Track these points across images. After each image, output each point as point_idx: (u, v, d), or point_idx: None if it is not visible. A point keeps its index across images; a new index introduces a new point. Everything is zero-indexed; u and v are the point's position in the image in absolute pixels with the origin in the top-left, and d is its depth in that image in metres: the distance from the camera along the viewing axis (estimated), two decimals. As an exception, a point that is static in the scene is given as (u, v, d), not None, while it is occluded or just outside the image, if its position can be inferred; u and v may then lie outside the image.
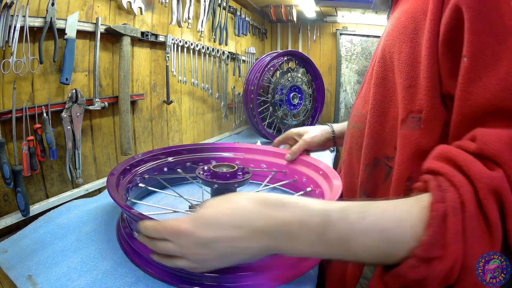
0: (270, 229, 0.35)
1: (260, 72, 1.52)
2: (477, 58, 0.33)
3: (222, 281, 0.49)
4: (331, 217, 0.33)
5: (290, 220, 0.34)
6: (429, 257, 0.31)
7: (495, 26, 0.32)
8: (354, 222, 0.33)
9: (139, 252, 0.54)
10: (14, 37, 0.66)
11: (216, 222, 0.36)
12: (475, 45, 0.32)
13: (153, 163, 0.85)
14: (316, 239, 0.34)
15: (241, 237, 0.35)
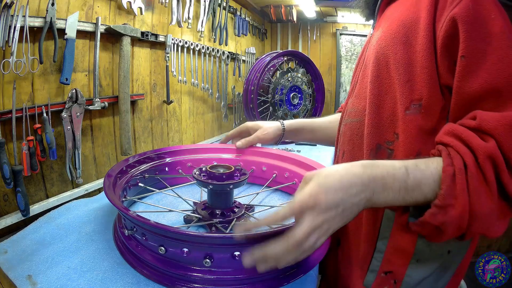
0: (372, 184, 0.44)
1: (260, 72, 1.52)
2: (472, 57, 0.44)
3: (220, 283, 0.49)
4: (409, 168, 0.44)
5: (384, 175, 0.44)
6: (445, 204, 0.42)
7: (483, 34, 0.44)
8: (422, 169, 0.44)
9: (134, 252, 0.54)
10: (14, 37, 0.66)
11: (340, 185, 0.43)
12: (470, 48, 0.44)
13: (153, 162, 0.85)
14: (402, 185, 0.44)
15: (356, 193, 0.43)
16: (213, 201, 0.69)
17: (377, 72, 0.55)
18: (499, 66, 0.42)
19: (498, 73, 0.42)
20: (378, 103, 0.55)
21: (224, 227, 0.65)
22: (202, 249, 0.48)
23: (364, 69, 0.61)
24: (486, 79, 0.43)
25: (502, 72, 0.42)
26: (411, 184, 0.44)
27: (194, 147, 0.95)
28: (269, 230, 0.49)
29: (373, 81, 0.55)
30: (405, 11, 0.52)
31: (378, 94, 0.55)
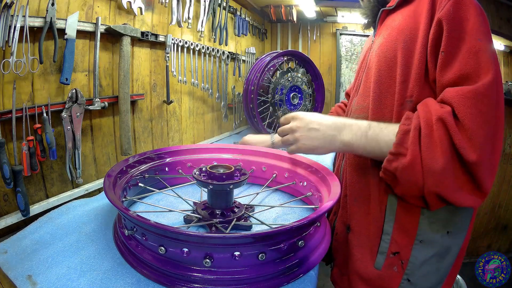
0: (339, 125, 0.62)
1: (260, 72, 1.52)
2: (449, 51, 0.53)
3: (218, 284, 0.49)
4: (372, 124, 0.59)
5: (351, 123, 0.61)
6: (397, 152, 0.53)
7: (459, 32, 0.53)
8: (383, 127, 0.58)
9: (134, 252, 0.54)
10: (14, 37, 0.66)
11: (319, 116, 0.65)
12: (448, 44, 0.53)
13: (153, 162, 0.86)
14: (363, 134, 0.59)
15: (325, 124, 0.62)
16: (213, 201, 0.69)
17: (379, 74, 0.64)
18: (468, 56, 0.51)
19: (467, 62, 0.51)
20: (380, 101, 0.64)
21: (224, 227, 0.65)
22: (202, 249, 0.48)
23: (367, 71, 0.70)
24: (457, 68, 0.52)
25: (469, 60, 0.51)
26: (370, 135, 0.58)
27: (194, 147, 0.95)
28: (269, 230, 0.49)
29: (375, 82, 0.64)
30: (404, 21, 0.61)
31: (380, 93, 0.64)
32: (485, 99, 0.49)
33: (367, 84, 0.68)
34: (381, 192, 0.63)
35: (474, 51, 0.51)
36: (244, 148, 0.96)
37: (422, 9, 0.58)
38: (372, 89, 0.65)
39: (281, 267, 0.52)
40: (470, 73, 0.50)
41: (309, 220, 0.52)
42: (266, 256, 0.50)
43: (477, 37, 0.51)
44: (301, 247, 0.54)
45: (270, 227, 0.62)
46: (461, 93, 0.50)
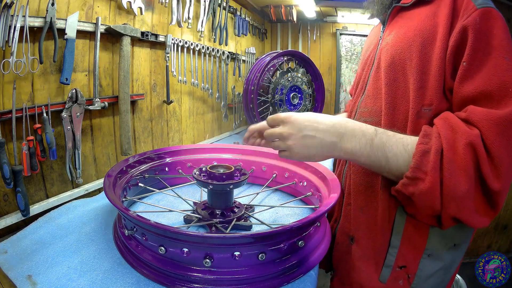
0: (342, 130, 0.53)
1: (260, 72, 1.52)
2: (472, 63, 0.50)
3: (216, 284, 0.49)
4: (379, 131, 0.53)
5: (355, 127, 0.53)
6: (414, 177, 0.49)
7: (486, 45, 0.50)
8: (390, 136, 0.53)
9: (134, 252, 0.54)
10: (14, 37, 0.66)
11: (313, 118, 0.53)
12: (472, 56, 0.50)
13: (153, 162, 0.85)
14: (368, 142, 0.52)
15: (323, 130, 0.52)
16: (213, 201, 0.69)
17: (394, 76, 0.60)
18: (492, 73, 0.48)
19: (490, 78, 0.48)
20: (394, 105, 0.60)
21: (224, 227, 0.65)
22: (202, 249, 0.48)
23: (376, 70, 0.65)
24: (480, 83, 0.49)
25: (494, 77, 0.48)
26: (376, 143, 0.52)
27: (194, 147, 0.95)
28: (269, 230, 0.49)
29: (389, 84, 0.60)
30: (422, 22, 0.57)
31: (394, 97, 0.60)
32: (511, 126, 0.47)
33: (377, 85, 0.64)
34: (390, 204, 0.60)
35: (500, 70, 0.48)
36: (244, 148, 0.96)
37: (442, 12, 0.54)
38: (385, 92, 0.61)
39: (281, 267, 0.52)
40: (493, 93, 0.48)
41: (309, 220, 0.52)
42: (266, 256, 0.50)
43: (503, 55, 0.49)
44: (301, 247, 0.54)
45: (270, 227, 0.62)
46: (490, 118, 0.47)
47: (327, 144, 0.52)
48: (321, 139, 0.52)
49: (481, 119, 0.47)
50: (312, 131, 0.52)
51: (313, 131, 0.52)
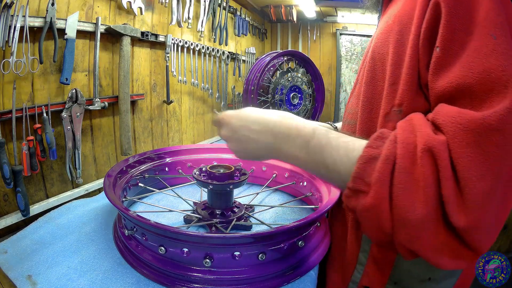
0: (276, 130, 0.45)
1: (260, 72, 1.52)
2: (448, 48, 0.37)
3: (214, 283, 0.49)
4: (317, 130, 0.43)
5: (291, 126, 0.45)
6: (356, 189, 0.37)
7: (466, 22, 0.36)
8: (331, 138, 0.42)
9: (134, 252, 0.54)
10: (14, 37, 0.66)
11: (247, 117, 0.48)
12: (447, 38, 0.37)
13: (153, 162, 0.85)
14: (304, 144, 0.43)
15: (256, 130, 0.47)
16: (213, 201, 0.69)
17: (373, 73, 0.50)
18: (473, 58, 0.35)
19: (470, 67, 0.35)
20: (370, 106, 0.50)
21: (224, 227, 0.65)
22: (202, 249, 0.48)
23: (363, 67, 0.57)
24: (457, 74, 0.35)
25: (475, 65, 0.35)
26: (313, 146, 0.42)
27: (194, 147, 0.95)
28: (269, 230, 0.49)
29: (367, 83, 0.51)
30: (403, 6, 0.46)
31: (371, 97, 0.50)
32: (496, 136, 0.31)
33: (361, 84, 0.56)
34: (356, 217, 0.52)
35: (484, 53, 0.34)
36: None
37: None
38: (363, 92, 0.52)
39: (281, 267, 0.52)
40: (473, 86, 0.34)
41: (309, 220, 0.52)
42: (266, 256, 0.50)
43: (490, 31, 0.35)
44: (301, 247, 0.54)
45: (270, 227, 0.62)
46: (458, 120, 0.33)
47: (263, 146, 0.47)
48: (256, 141, 0.47)
49: (447, 121, 0.34)
50: (246, 132, 0.47)
51: (246, 132, 0.47)
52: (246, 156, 0.51)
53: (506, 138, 0.32)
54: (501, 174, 0.32)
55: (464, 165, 0.32)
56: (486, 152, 0.32)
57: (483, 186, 0.31)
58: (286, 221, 0.73)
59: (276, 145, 0.46)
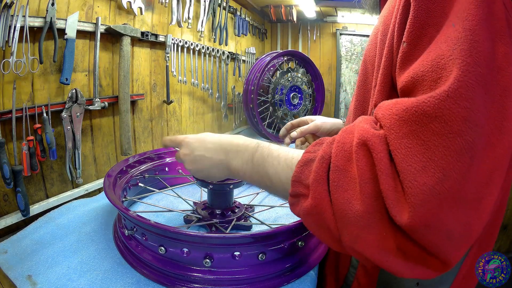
0: (226, 147, 0.49)
1: (260, 72, 1.52)
2: (415, 43, 0.34)
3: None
4: (261, 144, 0.46)
5: (238, 142, 0.49)
6: (296, 193, 0.37)
7: (435, 17, 0.33)
8: (272, 150, 0.44)
9: (134, 252, 0.54)
10: (14, 37, 0.66)
11: (204, 139, 0.53)
12: (416, 33, 0.34)
13: (152, 162, 0.85)
14: (249, 158, 0.46)
15: (211, 149, 0.51)
16: (213, 201, 0.69)
17: (364, 77, 0.50)
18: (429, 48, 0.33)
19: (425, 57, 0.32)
20: (362, 110, 0.50)
21: (224, 227, 0.65)
22: (202, 249, 0.48)
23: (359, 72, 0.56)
24: (413, 67, 0.33)
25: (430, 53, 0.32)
26: (256, 159, 0.44)
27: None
28: (269, 230, 0.49)
29: (359, 87, 0.51)
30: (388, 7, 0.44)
31: (363, 101, 0.50)
32: (434, 124, 0.28)
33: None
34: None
35: (440, 41, 0.32)
36: None
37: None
38: (356, 94, 0.52)
39: (281, 267, 0.52)
40: (425, 76, 0.32)
41: (309, 220, 0.51)
42: (266, 256, 0.50)
43: (453, 20, 0.32)
44: (301, 247, 0.54)
45: (270, 227, 0.62)
46: (394, 111, 0.31)
47: (217, 163, 0.50)
48: (210, 158, 0.50)
49: (385, 114, 0.32)
50: (202, 151, 0.51)
51: (202, 151, 0.51)
52: (202, 175, 0.54)
53: (448, 126, 0.28)
54: (451, 168, 0.28)
55: (401, 157, 0.29)
56: (425, 142, 0.29)
57: (425, 179, 0.28)
58: (286, 221, 0.73)
59: (227, 161, 0.49)
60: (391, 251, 0.31)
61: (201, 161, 0.52)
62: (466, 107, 0.28)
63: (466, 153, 0.28)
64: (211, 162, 0.50)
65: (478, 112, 0.28)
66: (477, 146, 0.28)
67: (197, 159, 0.52)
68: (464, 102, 0.28)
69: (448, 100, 0.28)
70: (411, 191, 0.28)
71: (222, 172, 0.51)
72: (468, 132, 0.28)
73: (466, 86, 0.28)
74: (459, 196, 0.28)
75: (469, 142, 0.28)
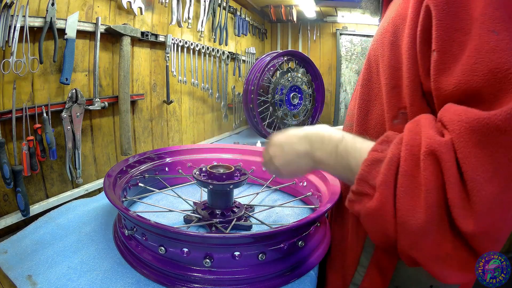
0: (311, 136, 0.49)
1: (260, 72, 1.52)
2: (445, 50, 0.35)
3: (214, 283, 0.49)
4: (345, 137, 0.45)
5: (323, 133, 0.48)
6: (360, 192, 0.38)
7: (461, 20, 0.34)
8: (356, 142, 0.43)
9: (134, 252, 0.54)
10: (14, 37, 0.66)
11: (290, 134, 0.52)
12: (443, 39, 0.35)
13: (153, 162, 0.85)
14: (333, 149, 0.45)
15: (296, 141, 0.50)
16: (213, 201, 0.69)
17: (368, 76, 0.51)
18: (476, 59, 0.33)
19: (474, 69, 0.33)
20: (367, 109, 0.52)
21: (224, 227, 0.65)
22: (202, 249, 0.48)
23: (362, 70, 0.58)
24: (461, 78, 0.34)
25: (479, 66, 0.33)
26: (340, 150, 0.44)
27: (194, 147, 0.95)
28: (269, 230, 0.49)
29: (363, 85, 0.52)
30: (398, 7, 0.45)
31: (367, 99, 0.51)
32: (503, 137, 0.30)
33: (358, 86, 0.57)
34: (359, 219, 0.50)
35: (486, 51, 0.32)
36: (244, 148, 0.96)
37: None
38: (359, 95, 0.53)
39: (281, 267, 0.52)
40: (481, 89, 0.32)
41: (309, 220, 0.52)
42: (266, 256, 0.50)
43: (489, 27, 0.32)
44: (301, 247, 0.54)
45: (270, 227, 0.62)
46: (464, 118, 0.31)
47: (303, 154, 0.50)
48: (297, 151, 0.50)
49: (453, 119, 0.32)
50: (290, 143, 0.51)
51: (290, 143, 0.51)
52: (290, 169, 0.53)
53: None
54: (511, 178, 0.30)
55: (471, 166, 0.30)
56: (493, 153, 0.30)
57: (491, 189, 0.30)
58: (286, 221, 0.73)
59: (312, 151, 0.48)
60: (446, 261, 0.33)
61: (290, 153, 0.51)
62: None
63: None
64: (298, 153, 0.50)
65: None
66: None
67: (286, 151, 0.52)
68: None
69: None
70: (478, 200, 0.30)
71: (308, 164, 0.50)
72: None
73: None
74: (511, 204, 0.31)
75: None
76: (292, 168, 0.52)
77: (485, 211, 0.30)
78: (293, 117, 1.68)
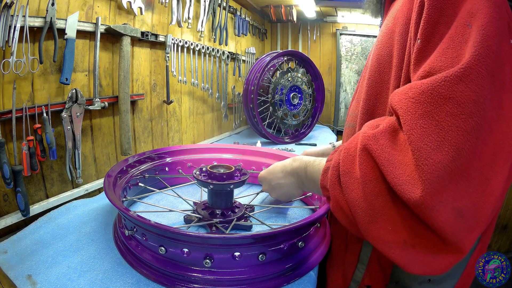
0: (294, 171, 0.59)
1: (260, 72, 1.52)
2: (428, 40, 0.37)
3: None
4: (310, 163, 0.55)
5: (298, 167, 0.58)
6: (325, 196, 0.47)
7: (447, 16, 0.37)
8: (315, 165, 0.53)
9: (134, 252, 0.54)
10: (14, 37, 0.66)
11: (273, 170, 0.65)
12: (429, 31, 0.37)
13: (153, 162, 0.85)
14: (305, 175, 0.56)
15: (282, 177, 0.63)
16: (213, 201, 0.69)
17: (375, 77, 0.51)
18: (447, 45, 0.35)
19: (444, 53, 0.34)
20: (371, 110, 0.51)
21: (224, 227, 0.65)
22: (202, 249, 0.48)
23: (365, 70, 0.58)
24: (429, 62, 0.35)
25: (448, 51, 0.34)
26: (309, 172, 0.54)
27: (194, 147, 0.95)
28: (270, 230, 0.49)
29: (369, 86, 0.52)
30: (401, 7, 0.46)
31: (373, 100, 0.51)
32: (448, 105, 0.31)
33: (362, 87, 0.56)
34: None
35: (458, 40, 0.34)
36: (244, 148, 0.96)
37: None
38: (365, 94, 0.52)
39: (281, 268, 0.52)
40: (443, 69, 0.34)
41: (309, 220, 0.52)
42: (266, 256, 0.50)
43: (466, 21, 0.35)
44: (301, 248, 0.54)
45: (270, 227, 0.63)
46: (410, 94, 0.34)
47: (291, 185, 0.61)
48: (285, 184, 0.62)
49: (401, 99, 0.35)
50: (276, 180, 0.64)
51: (276, 180, 0.64)
52: (285, 197, 0.67)
53: (461, 108, 0.31)
54: (462, 147, 0.30)
55: (417, 136, 0.32)
56: (439, 121, 0.31)
57: (439, 157, 0.31)
58: (286, 221, 0.73)
59: (298, 180, 0.59)
60: (398, 244, 0.34)
61: (279, 188, 0.64)
62: (476, 91, 0.31)
63: (474, 133, 0.31)
64: (287, 186, 0.62)
65: (485, 98, 0.31)
66: (483, 128, 0.31)
67: (276, 187, 0.64)
68: (475, 87, 0.31)
69: (461, 83, 0.31)
70: (426, 168, 0.31)
71: (298, 189, 0.61)
72: (477, 115, 0.31)
73: (477, 73, 0.31)
74: (468, 173, 0.31)
75: (477, 124, 0.31)
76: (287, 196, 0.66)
77: (434, 178, 0.30)
78: (293, 117, 1.68)
